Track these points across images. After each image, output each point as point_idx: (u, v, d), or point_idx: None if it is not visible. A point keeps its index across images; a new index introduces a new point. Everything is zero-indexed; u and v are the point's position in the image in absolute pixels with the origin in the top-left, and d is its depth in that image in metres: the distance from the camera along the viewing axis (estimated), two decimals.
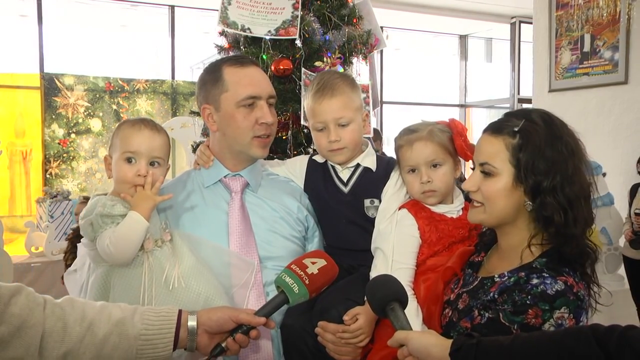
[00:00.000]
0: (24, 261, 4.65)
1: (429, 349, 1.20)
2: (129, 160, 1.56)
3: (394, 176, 1.78)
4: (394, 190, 1.76)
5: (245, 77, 1.73)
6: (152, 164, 1.58)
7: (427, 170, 1.65)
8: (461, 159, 1.71)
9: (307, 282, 1.43)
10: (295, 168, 1.94)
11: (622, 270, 4.29)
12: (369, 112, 1.93)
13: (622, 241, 4.37)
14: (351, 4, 2.52)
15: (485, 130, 1.44)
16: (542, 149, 1.34)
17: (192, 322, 1.36)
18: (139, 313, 1.34)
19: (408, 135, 1.68)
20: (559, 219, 1.32)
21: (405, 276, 1.58)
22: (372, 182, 1.80)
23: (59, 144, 6.84)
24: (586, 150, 1.41)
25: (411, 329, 1.28)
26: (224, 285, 1.61)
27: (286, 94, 2.31)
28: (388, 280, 1.37)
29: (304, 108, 2.21)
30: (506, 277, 1.36)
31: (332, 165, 1.85)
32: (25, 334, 1.20)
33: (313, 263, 1.47)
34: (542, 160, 1.34)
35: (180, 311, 1.37)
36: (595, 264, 1.37)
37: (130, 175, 1.55)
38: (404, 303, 1.32)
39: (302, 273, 1.44)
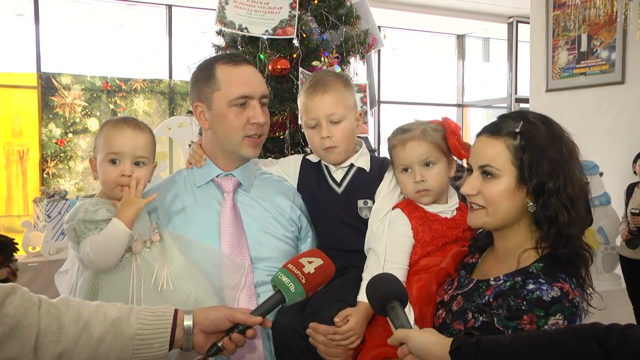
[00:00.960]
0: (21, 261, 4.62)
1: (429, 347, 1.20)
2: (113, 161, 1.54)
3: (388, 176, 1.78)
4: (387, 191, 1.75)
5: (237, 76, 1.72)
6: (137, 163, 1.56)
7: (421, 170, 1.64)
8: (455, 158, 1.70)
9: (303, 281, 1.43)
10: (289, 167, 1.93)
11: (618, 270, 4.30)
12: (365, 111, 1.93)
13: (618, 240, 4.38)
14: (348, 3, 2.52)
15: (482, 133, 1.43)
16: (545, 150, 1.34)
17: (188, 322, 1.35)
18: (134, 312, 1.33)
19: (401, 135, 1.67)
20: (562, 218, 1.32)
21: (398, 276, 1.57)
22: (365, 183, 1.80)
23: (56, 143, 6.82)
24: (580, 151, 1.42)
25: (411, 328, 1.28)
26: (214, 286, 1.60)
27: (283, 94, 2.31)
28: (389, 279, 1.37)
29: None
30: (502, 281, 1.36)
31: (325, 165, 1.84)
32: (20, 334, 1.19)
33: (309, 262, 1.47)
34: (546, 161, 1.34)
35: (176, 311, 1.36)
36: (590, 265, 1.37)
37: (114, 176, 1.53)
38: (404, 302, 1.32)
39: (298, 272, 1.43)
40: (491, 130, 1.41)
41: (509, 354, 1.13)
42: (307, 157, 1.92)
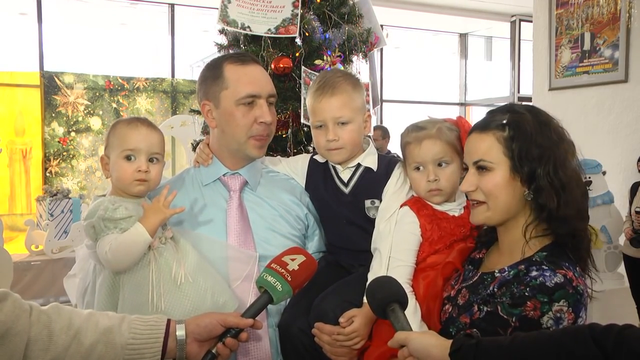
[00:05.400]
0: (24, 259, 4.64)
1: (429, 349, 1.20)
2: (128, 157, 1.55)
3: (395, 174, 1.77)
4: (394, 189, 1.74)
5: (245, 75, 1.73)
6: (151, 160, 1.58)
7: (435, 169, 1.63)
8: None
9: (289, 279, 1.43)
10: (296, 166, 1.93)
11: (621, 269, 4.30)
12: (370, 113, 1.93)
13: (622, 239, 4.37)
14: (351, 2, 2.52)
15: (473, 130, 1.46)
16: (534, 136, 1.36)
17: (180, 332, 1.34)
18: (126, 322, 1.32)
19: (416, 133, 1.66)
20: (551, 202, 1.34)
21: (404, 274, 1.57)
22: (373, 183, 1.79)
23: (58, 142, 6.83)
24: (569, 135, 1.44)
25: (411, 330, 1.28)
26: (225, 279, 1.61)
27: (286, 92, 2.31)
28: (388, 282, 1.37)
29: (304, 106, 2.21)
30: (506, 272, 1.37)
31: (332, 166, 1.83)
32: (10, 342, 1.17)
33: (292, 260, 1.47)
34: (535, 147, 1.36)
35: (169, 320, 1.35)
36: (591, 247, 1.39)
37: (130, 172, 1.54)
38: (404, 304, 1.32)
39: (283, 271, 1.43)
40: (480, 127, 1.44)
41: (508, 355, 1.13)
42: (314, 156, 1.92)
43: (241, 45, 2.40)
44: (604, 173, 4.06)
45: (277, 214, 1.78)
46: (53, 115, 6.81)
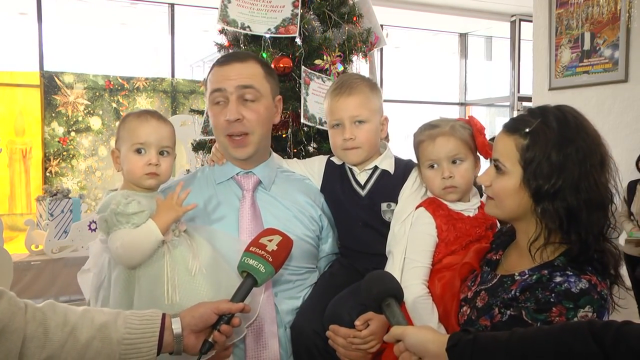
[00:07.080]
0: (24, 259, 4.64)
1: (425, 344, 1.19)
2: (138, 151, 1.56)
3: (412, 177, 1.76)
4: (410, 192, 1.74)
5: (217, 73, 1.71)
6: (161, 153, 1.58)
7: (449, 166, 1.63)
8: (481, 156, 1.69)
9: (270, 259, 1.43)
10: (313, 168, 1.92)
11: (621, 268, 4.29)
12: (387, 117, 1.93)
13: (621, 239, 4.38)
14: (351, 2, 2.51)
15: (503, 127, 1.42)
16: (548, 152, 1.30)
17: (176, 325, 1.34)
18: (122, 317, 1.32)
19: (430, 130, 1.66)
20: (553, 225, 1.30)
21: (420, 275, 1.57)
22: (389, 186, 1.78)
23: (58, 142, 6.83)
24: (609, 155, 1.35)
25: (407, 325, 1.27)
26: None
27: (286, 92, 2.30)
28: (384, 276, 1.36)
29: (303, 106, 2.21)
30: (527, 275, 1.33)
31: (349, 168, 1.83)
32: (6, 340, 1.17)
33: (270, 240, 1.47)
34: (546, 164, 1.30)
35: (164, 315, 1.35)
36: (620, 267, 1.34)
37: (140, 165, 1.55)
38: (399, 299, 1.31)
39: (263, 252, 1.44)
40: (508, 128, 1.39)
41: (506, 351, 1.12)
42: (331, 158, 1.91)
43: (241, 45, 2.40)
44: None
45: (292, 214, 1.76)
46: (53, 115, 6.80)
